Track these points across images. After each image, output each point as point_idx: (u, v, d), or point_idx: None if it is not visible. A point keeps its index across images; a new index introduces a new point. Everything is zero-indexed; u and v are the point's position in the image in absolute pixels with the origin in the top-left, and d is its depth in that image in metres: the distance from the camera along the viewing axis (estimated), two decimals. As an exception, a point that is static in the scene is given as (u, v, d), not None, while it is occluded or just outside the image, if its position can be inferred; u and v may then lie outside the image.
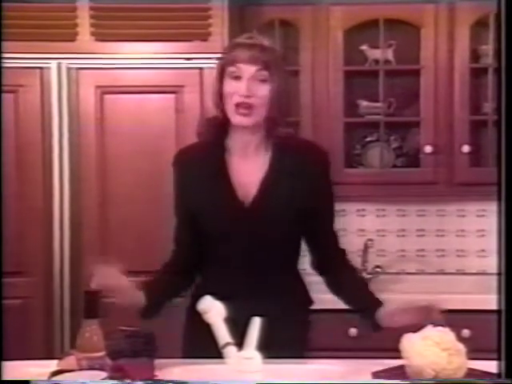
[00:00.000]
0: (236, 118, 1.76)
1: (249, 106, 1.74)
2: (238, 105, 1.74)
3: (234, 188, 1.79)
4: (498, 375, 1.50)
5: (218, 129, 1.83)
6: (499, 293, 1.28)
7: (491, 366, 1.54)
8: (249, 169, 1.81)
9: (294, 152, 1.82)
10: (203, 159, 1.85)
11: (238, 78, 1.75)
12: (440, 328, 1.63)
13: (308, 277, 1.97)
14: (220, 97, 1.78)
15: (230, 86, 1.76)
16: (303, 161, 1.82)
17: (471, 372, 1.57)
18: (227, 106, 1.77)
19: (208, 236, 1.87)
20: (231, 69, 1.76)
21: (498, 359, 1.30)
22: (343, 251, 1.94)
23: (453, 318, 2.76)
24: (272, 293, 1.83)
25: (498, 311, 1.28)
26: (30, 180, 2.78)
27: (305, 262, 1.96)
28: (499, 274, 1.28)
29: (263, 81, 1.75)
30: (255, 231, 1.80)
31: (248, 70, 1.74)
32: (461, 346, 1.58)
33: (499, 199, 1.28)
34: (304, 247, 1.94)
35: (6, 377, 1.42)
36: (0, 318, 1.76)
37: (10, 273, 2.56)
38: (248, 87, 1.73)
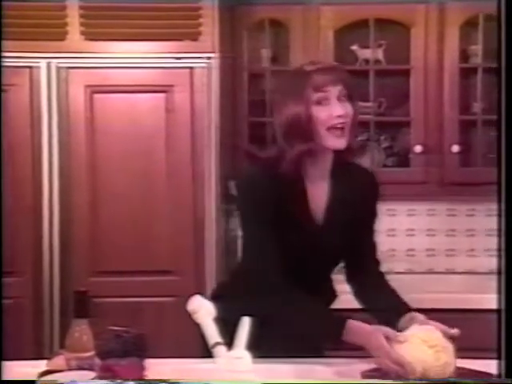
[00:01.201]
0: (331, 141, 1.75)
1: (342, 128, 1.75)
2: (331, 128, 1.74)
3: (311, 212, 1.82)
4: (490, 375, 1.51)
5: (300, 162, 1.80)
6: (499, 292, 1.28)
7: (483, 365, 1.55)
8: (318, 192, 1.84)
9: (348, 174, 1.87)
10: (283, 185, 1.78)
11: (325, 102, 1.74)
12: (427, 326, 1.63)
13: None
14: (311, 126, 1.74)
15: (319, 111, 1.74)
16: (356, 183, 1.88)
17: (462, 371, 1.58)
18: (319, 131, 1.74)
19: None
20: (318, 95, 1.73)
21: (498, 358, 1.30)
22: (382, 274, 2.03)
23: (442, 318, 2.79)
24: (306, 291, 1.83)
25: (498, 310, 1.29)
26: (19, 179, 2.77)
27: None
28: (499, 273, 1.29)
29: (345, 100, 1.76)
30: (323, 251, 1.84)
31: (334, 90, 1.74)
32: (448, 343, 1.59)
33: (499, 199, 1.29)
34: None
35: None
36: (0, 318, 1.75)
37: None
38: (340, 107, 1.74)
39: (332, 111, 1.73)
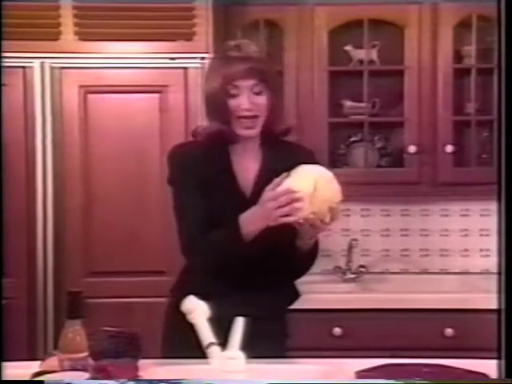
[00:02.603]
0: (241, 131, 1.86)
1: (252, 118, 1.85)
2: (240, 117, 1.84)
3: (239, 184, 1.89)
4: (485, 375, 1.51)
5: (223, 139, 1.89)
6: (499, 292, 1.29)
7: (479, 365, 1.56)
8: (247, 166, 1.91)
9: (282, 150, 1.92)
10: (209, 157, 1.90)
11: (237, 93, 1.83)
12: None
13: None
14: (226, 111, 1.85)
15: (230, 100, 1.84)
16: (290, 158, 1.89)
17: (453, 371, 1.58)
18: (232, 119, 1.85)
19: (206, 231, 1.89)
20: (229, 87, 1.83)
21: (498, 358, 1.30)
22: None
23: (436, 317, 2.80)
24: (260, 291, 1.86)
25: (498, 310, 1.29)
26: (13, 180, 2.76)
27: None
28: (499, 273, 1.29)
29: (260, 92, 1.84)
30: None
31: (245, 84, 1.83)
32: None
33: (499, 199, 1.29)
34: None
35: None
36: (0, 318, 1.74)
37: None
38: (249, 101, 1.83)
39: (240, 103, 1.83)
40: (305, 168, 1.76)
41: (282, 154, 1.90)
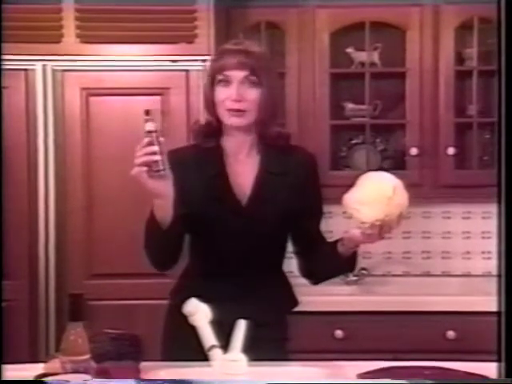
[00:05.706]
0: (229, 120, 1.82)
1: (240, 111, 1.80)
2: (229, 110, 1.81)
3: (233, 188, 1.84)
4: (485, 377, 1.51)
5: (213, 132, 1.88)
6: (499, 294, 1.29)
7: (479, 368, 1.56)
8: (243, 170, 1.87)
9: (282, 154, 1.88)
10: (201, 160, 1.87)
11: (227, 84, 1.81)
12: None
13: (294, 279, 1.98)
14: (212, 103, 1.84)
15: (220, 92, 1.82)
16: (290, 162, 1.88)
17: (454, 373, 1.58)
18: (220, 111, 1.83)
19: (200, 236, 1.88)
20: (220, 77, 1.81)
21: (498, 361, 1.30)
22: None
23: (438, 320, 2.80)
24: (258, 295, 1.85)
25: (498, 313, 1.29)
26: (14, 182, 2.76)
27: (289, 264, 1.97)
28: (499, 275, 1.29)
29: (252, 85, 1.80)
30: (250, 229, 1.84)
31: (236, 75, 1.80)
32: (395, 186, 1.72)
33: (499, 201, 1.29)
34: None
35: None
36: (0, 320, 1.74)
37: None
38: (238, 92, 1.79)
39: (229, 95, 1.80)
40: (379, 173, 1.76)
41: (282, 158, 1.87)
